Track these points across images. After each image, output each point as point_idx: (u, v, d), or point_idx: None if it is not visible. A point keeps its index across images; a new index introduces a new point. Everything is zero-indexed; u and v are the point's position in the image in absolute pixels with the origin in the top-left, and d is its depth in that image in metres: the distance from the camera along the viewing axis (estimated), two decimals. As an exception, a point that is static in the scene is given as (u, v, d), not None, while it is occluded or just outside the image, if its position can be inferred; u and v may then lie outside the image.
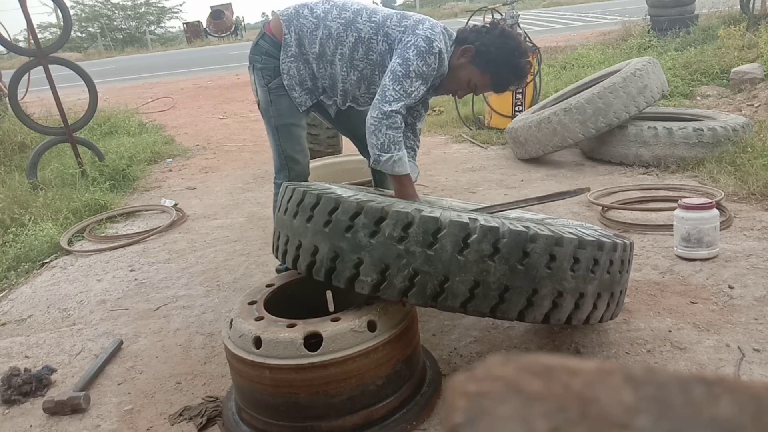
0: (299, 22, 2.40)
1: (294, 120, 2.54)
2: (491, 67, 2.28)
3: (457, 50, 2.31)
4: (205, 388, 2.18)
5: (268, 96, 2.50)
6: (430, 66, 2.23)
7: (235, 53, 18.83)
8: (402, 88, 2.21)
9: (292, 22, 2.41)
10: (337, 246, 1.74)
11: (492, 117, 5.96)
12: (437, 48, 2.23)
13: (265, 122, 2.60)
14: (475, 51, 2.27)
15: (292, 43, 2.41)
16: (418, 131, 2.66)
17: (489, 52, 2.26)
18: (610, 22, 14.28)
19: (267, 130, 2.62)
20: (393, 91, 2.20)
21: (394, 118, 2.21)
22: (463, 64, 2.31)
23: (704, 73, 6.58)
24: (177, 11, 41.30)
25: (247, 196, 4.68)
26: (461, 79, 2.35)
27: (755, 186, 3.46)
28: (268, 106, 2.52)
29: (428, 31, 2.24)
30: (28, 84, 6.17)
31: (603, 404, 0.32)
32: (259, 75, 2.50)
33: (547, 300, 1.70)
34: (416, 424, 1.83)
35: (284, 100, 2.50)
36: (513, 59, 2.27)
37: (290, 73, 2.46)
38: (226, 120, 8.48)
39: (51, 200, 4.40)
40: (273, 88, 2.49)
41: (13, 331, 2.81)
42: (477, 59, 2.28)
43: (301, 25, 2.40)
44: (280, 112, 2.51)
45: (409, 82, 2.21)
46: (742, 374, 1.94)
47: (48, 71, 4.99)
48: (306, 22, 2.39)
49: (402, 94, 2.21)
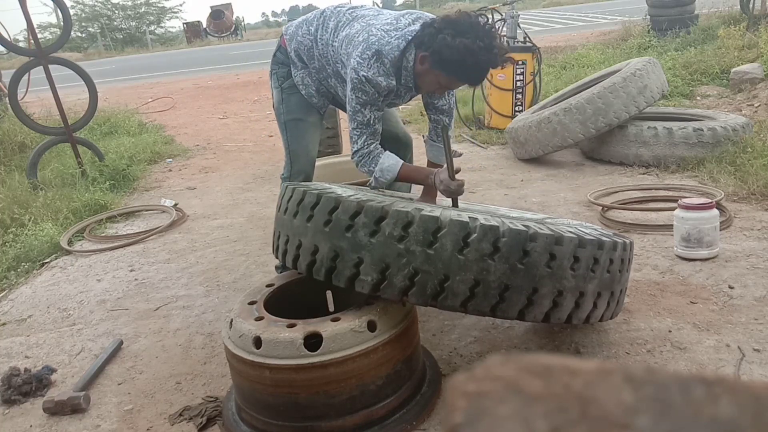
0: (298, 40, 2.53)
1: (302, 115, 2.65)
2: (451, 66, 2.19)
3: (418, 56, 2.25)
4: (205, 388, 2.18)
5: (281, 95, 2.66)
6: (368, 92, 2.26)
7: (235, 53, 18.84)
8: (357, 123, 2.35)
9: (293, 40, 2.56)
10: (338, 245, 1.74)
11: (492, 117, 5.96)
12: (363, 77, 2.22)
13: (277, 120, 2.74)
14: (430, 57, 2.20)
15: (296, 59, 2.58)
16: (443, 107, 2.66)
17: (442, 53, 2.15)
18: (610, 22, 14.29)
19: (279, 128, 2.76)
20: (353, 131, 2.38)
21: (362, 152, 2.37)
22: (426, 70, 2.26)
23: (704, 73, 6.58)
24: (177, 11, 41.34)
25: (247, 196, 4.68)
26: (430, 82, 2.33)
27: (755, 186, 3.46)
28: (279, 104, 2.68)
29: (356, 60, 2.23)
30: (28, 84, 6.17)
31: (603, 404, 0.32)
32: (274, 78, 2.69)
33: (547, 299, 1.70)
34: (416, 424, 1.83)
35: (294, 98, 2.64)
36: (471, 58, 2.13)
37: (305, 83, 2.60)
38: (226, 120, 8.48)
39: (51, 200, 4.40)
40: (285, 87, 2.64)
41: (13, 331, 2.81)
42: (435, 64, 2.20)
43: (299, 43, 2.53)
44: (289, 108, 2.65)
45: (360, 115, 2.32)
46: (742, 374, 1.94)
47: (48, 71, 4.98)
48: (303, 40, 2.51)
49: (361, 128, 2.35)
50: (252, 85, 11.34)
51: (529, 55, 5.69)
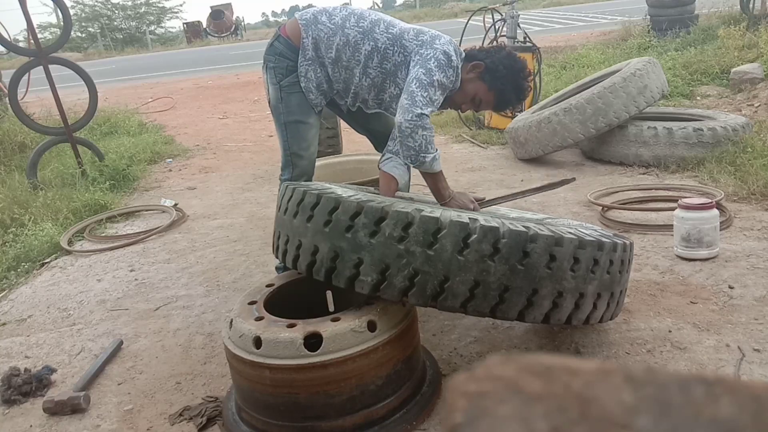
0: (317, 27, 2.47)
1: (303, 117, 2.59)
2: (498, 83, 2.41)
3: (467, 66, 2.42)
4: (205, 388, 2.18)
5: (279, 93, 2.56)
6: (449, 78, 2.34)
7: (235, 53, 18.84)
8: (428, 95, 2.30)
9: (310, 26, 2.48)
10: (337, 246, 1.74)
11: (492, 117, 5.96)
12: (455, 62, 2.35)
13: (274, 119, 2.64)
14: (484, 67, 2.40)
15: (309, 47, 2.48)
16: None
17: (497, 70, 2.39)
18: (610, 22, 14.28)
19: (276, 127, 2.67)
20: (422, 97, 2.29)
21: (426, 120, 2.30)
22: (471, 79, 2.42)
23: (704, 73, 6.58)
24: (177, 11, 41.27)
25: (247, 196, 4.69)
26: (468, 93, 2.46)
27: (755, 186, 3.46)
28: (278, 103, 2.57)
29: (446, 46, 2.35)
30: (28, 84, 6.16)
31: (603, 404, 0.32)
32: (272, 73, 2.55)
33: (547, 300, 1.70)
34: (416, 424, 1.83)
35: (294, 98, 2.55)
36: (518, 79, 2.43)
37: (308, 76, 2.52)
38: (226, 120, 8.48)
39: (51, 200, 4.40)
40: (284, 86, 2.54)
41: (13, 331, 2.81)
42: (486, 75, 2.40)
43: (319, 30, 2.47)
44: (289, 109, 2.57)
45: (433, 90, 2.30)
46: (742, 374, 1.94)
47: (48, 71, 4.98)
48: (324, 28, 2.47)
49: (429, 100, 2.30)
50: (252, 85, 11.34)
51: (529, 55, 5.69)
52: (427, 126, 2.30)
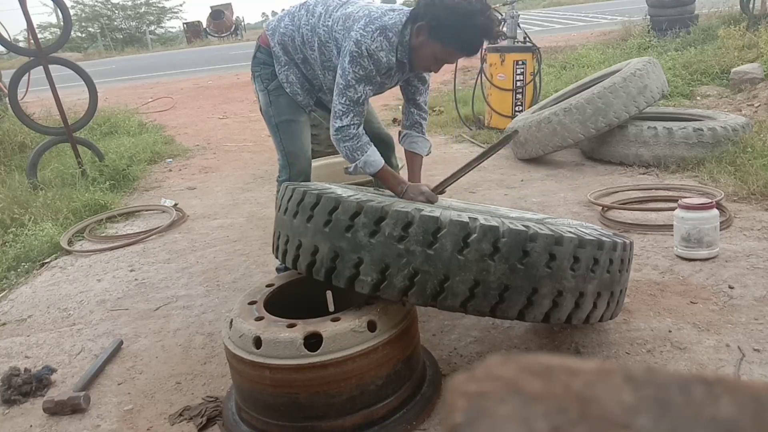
0: (280, 32, 2.49)
1: (293, 116, 2.60)
2: (449, 37, 2.18)
3: (413, 30, 2.22)
4: (205, 388, 2.18)
5: (268, 98, 2.60)
6: (366, 68, 2.24)
7: (235, 53, 18.83)
8: (347, 99, 2.28)
9: (275, 33, 2.51)
10: (337, 246, 1.74)
11: (492, 117, 5.96)
12: (366, 50, 2.20)
13: (267, 124, 2.67)
14: (428, 27, 2.19)
15: (279, 53, 2.52)
16: (422, 104, 2.67)
17: (441, 24, 2.15)
18: (610, 22, 14.29)
19: (270, 132, 2.69)
20: (340, 106, 2.29)
21: (347, 131, 2.30)
22: (423, 42, 2.24)
23: (704, 73, 6.58)
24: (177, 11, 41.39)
25: (247, 196, 4.68)
26: (427, 56, 2.29)
27: (755, 186, 3.46)
28: (268, 107, 2.61)
29: (359, 32, 2.21)
30: (28, 84, 6.17)
31: (603, 404, 0.32)
32: (259, 81, 2.61)
33: (547, 299, 1.70)
34: (416, 424, 1.83)
35: (282, 99, 2.58)
36: (469, 21, 2.13)
37: (290, 80, 2.55)
38: (226, 120, 8.48)
39: (51, 200, 4.40)
40: (271, 89, 2.58)
41: (13, 331, 2.81)
42: (433, 33, 2.19)
43: (282, 34, 2.49)
44: (279, 110, 2.59)
45: (352, 90, 2.26)
46: (742, 374, 1.94)
47: (48, 71, 4.98)
48: (286, 31, 2.48)
49: (348, 105, 2.28)
50: (252, 85, 11.31)
51: (529, 55, 5.70)
52: (347, 137, 2.30)
